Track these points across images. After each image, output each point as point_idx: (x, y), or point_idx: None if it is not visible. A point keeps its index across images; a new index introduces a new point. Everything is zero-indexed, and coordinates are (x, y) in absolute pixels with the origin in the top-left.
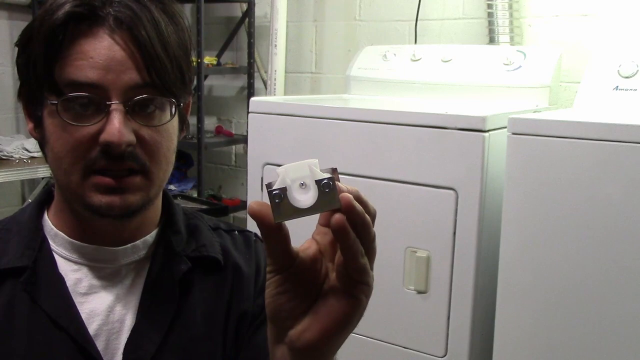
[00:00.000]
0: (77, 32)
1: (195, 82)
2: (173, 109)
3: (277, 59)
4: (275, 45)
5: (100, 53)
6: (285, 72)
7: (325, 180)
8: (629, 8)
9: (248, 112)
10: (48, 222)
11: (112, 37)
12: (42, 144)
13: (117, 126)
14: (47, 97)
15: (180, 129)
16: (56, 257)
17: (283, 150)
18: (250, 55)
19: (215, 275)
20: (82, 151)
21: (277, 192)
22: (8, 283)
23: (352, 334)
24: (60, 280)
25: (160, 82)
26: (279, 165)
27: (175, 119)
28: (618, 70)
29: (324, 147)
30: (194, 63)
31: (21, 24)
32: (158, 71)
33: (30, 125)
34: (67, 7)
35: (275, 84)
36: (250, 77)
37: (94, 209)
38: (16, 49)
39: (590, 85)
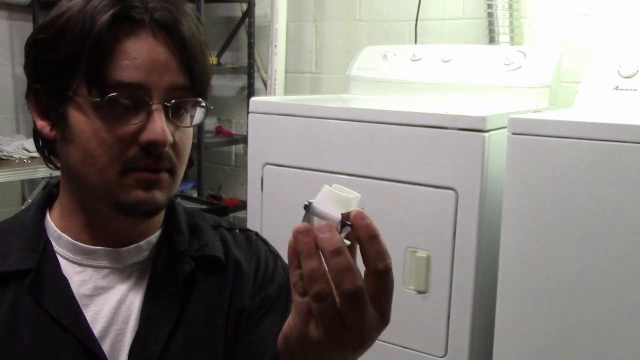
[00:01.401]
0: (119, 33)
1: None
2: (201, 111)
3: (277, 59)
4: (275, 45)
5: (143, 54)
6: (285, 72)
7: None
8: (629, 8)
9: (248, 112)
10: (51, 224)
11: (154, 39)
12: (62, 143)
13: (161, 126)
14: (81, 95)
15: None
16: (60, 259)
17: (283, 150)
18: (250, 55)
19: (217, 274)
20: (120, 150)
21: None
22: (12, 286)
23: None
24: (64, 282)
25: (195, 83)
26: (279, 166)
27: None
28: (618, 70)
29: (324, 147)
30: None
31: (21, 24)
32: (197, 73)
33: (42, 123)
34: (107, 7)
35: (275, 84)
36: (250, 77)
37: (127, 205)
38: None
39: (590, 85)
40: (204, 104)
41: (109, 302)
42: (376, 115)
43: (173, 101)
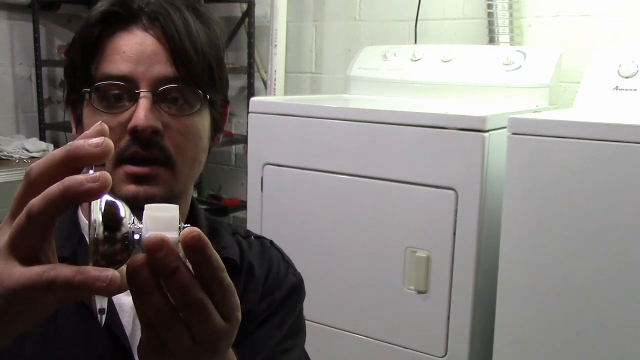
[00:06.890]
0: (114, 30)
1: None
2: (200, 103)
3: (277, 59)
4: (275, 45)
5: (132, 48)
6: (285, 72)
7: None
8: (629, 8)
9: (248, 112)
10: (82, 218)
11: (144, 32)
12: None
13: (142, 112)
14: (84, 92)
15: (213, 135)
16: None
17: (283, 150)
18: (250, 55)
19: (231, 276)
20: (114, 140)
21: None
22: None
23: (352, 334)
24: None
25: (186, 73)
26: (279, 166)
27: (207, 119)
28: (618, 70)
29: (324, 147)
30: None
31: (21, 24)
32: (184, 62)
33: (74, 128)
34: (104, 6)
35: (275, 84)
36: (250, 77)
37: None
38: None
39: (590, 85)
40: (200, 94)
41: (130, 297)
42: (376, 115)
43: (160, 89)
